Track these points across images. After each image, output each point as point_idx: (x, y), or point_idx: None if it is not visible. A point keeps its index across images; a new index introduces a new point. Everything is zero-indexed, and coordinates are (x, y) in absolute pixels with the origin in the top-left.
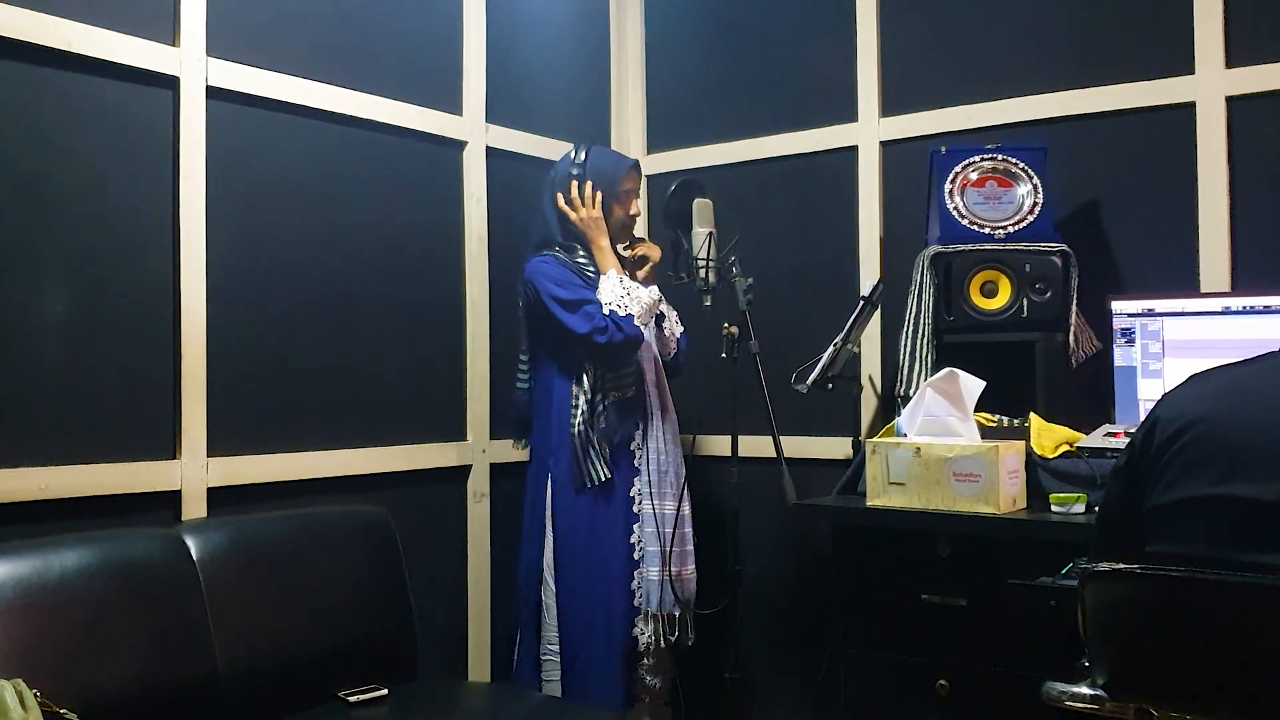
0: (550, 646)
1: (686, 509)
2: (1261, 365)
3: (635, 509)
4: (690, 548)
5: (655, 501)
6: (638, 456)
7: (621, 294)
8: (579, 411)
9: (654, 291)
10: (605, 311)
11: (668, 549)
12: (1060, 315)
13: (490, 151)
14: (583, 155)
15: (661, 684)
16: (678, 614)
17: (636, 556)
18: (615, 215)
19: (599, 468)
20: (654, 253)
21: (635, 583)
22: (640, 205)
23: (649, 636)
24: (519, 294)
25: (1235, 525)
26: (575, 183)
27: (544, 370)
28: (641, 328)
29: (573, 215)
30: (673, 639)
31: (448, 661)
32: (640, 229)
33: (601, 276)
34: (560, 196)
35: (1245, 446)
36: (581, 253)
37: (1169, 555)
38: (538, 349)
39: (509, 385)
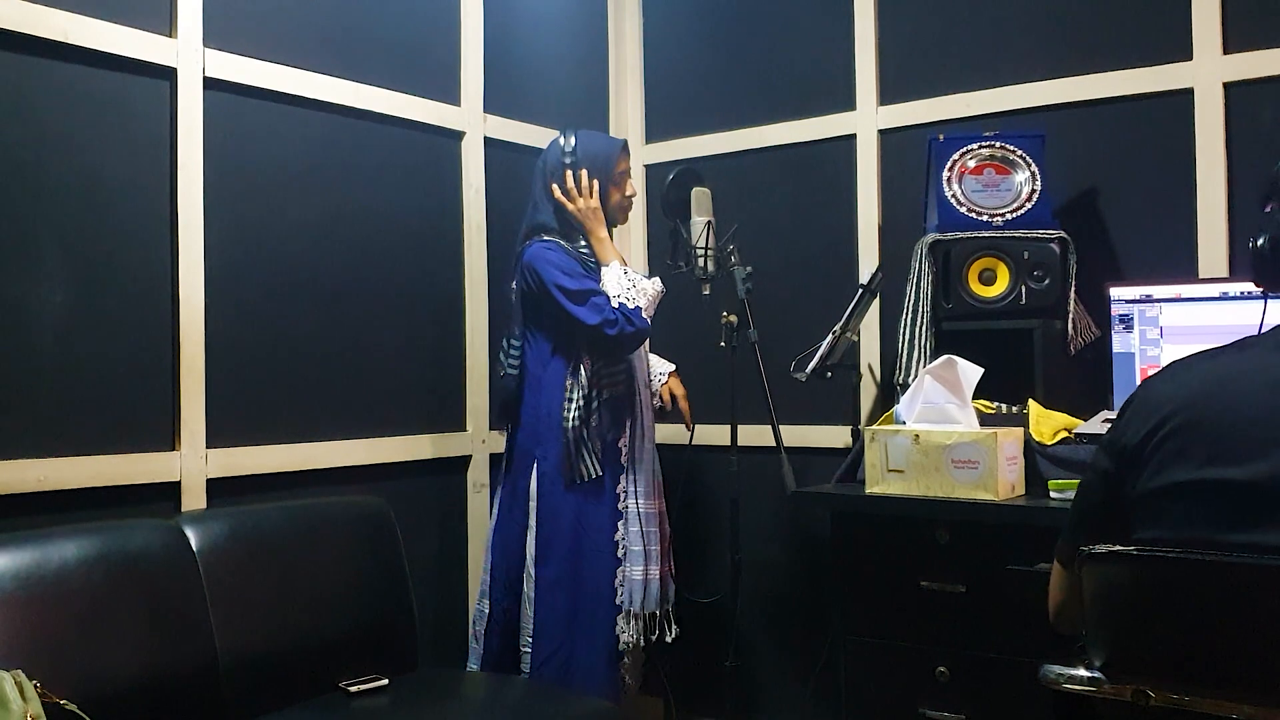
0: (528, 639)
1: (661, 506)
2: (1241, 353)
3: (620, 506)
4: (656, 547)
5: (641, 500)
6: (624, 453)
7: (627, 286)
8: (574, 406)
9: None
10: (615, 304)
11: (654, 547)
12: (1058, 302)
13: (489, 142)
14: (573, 142)
15: (635, 681)
16: (658, 613)
17: (619, 554)
18: (613, 199)
19: (591, 464)
20: None
21: (618, 580)
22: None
23: (630, 635)
24: (515, 278)
25: (1220, 507)
26: (570, 172)
27: (533, 359)
28: (648, 320)
29: (570, 206)
30: (653, 638)
31: (448, 651)
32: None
33: (604, 268)
34: (556, 188)
35: (1228, 432)
36: (583, 242)
37: (1157, 540)
38: (530, 336)
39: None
